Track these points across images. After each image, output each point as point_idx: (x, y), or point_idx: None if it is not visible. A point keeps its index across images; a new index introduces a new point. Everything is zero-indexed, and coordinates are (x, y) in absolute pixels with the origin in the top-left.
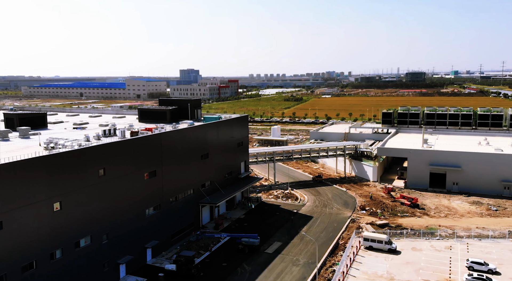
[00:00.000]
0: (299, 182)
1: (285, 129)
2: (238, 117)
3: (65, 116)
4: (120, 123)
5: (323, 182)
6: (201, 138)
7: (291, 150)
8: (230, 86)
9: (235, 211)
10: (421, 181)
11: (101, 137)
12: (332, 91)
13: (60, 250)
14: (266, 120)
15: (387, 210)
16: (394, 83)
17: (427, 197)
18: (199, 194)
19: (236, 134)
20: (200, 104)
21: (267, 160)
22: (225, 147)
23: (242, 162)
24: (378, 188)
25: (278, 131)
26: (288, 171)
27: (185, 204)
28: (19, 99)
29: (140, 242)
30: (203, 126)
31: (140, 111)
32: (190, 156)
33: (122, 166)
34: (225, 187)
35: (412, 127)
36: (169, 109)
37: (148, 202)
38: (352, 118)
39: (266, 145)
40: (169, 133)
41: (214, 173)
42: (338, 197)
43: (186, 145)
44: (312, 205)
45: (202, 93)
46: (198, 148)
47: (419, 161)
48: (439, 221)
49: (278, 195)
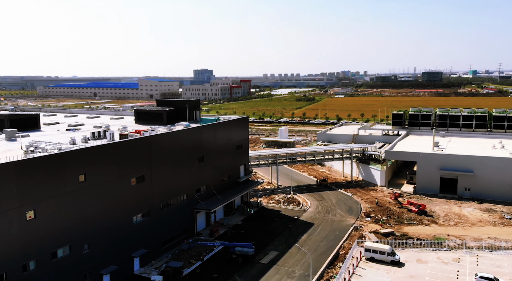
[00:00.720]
0: (303, 186)
1: (293, 130)
2: (237, 118)
3: (63, 117)
4: (116, 124)
5: (328, 186)
6: (196, 140)
7: (295, 153)
8: (242, 86)
9: (233, 217)
10: (431, 186)
11: (91, 140)
12: (346, 91)
13: (34, 261)
14: (276, 120)
15: (393, 217)
16: (410, 82)
17: (436, 203)
18: (194, 199)
19: (235, 136)
20: (199, 105)
21: (269, 163)
22: (222, 150)
23: (242, 165)
24: (386, 193)
25: (286, 132)
26: (293, 174)
27: (177, 210)
28: (34, 98)
29: (126, 251)
30: (198, 128)
31: (136, 112)
32: (184, 159)
33: (105, 171)
34: (222, 192)
35: (424, 129)
36: (165, 110)
37: (135, 208)
38: (364, 119)
39: (273, 147)
40: (159, 136)
41: (210, 177)
42: (343, 203)
43: (179, 148)
44: (314, 211)
45: (214, 93)
46: (192, 151)
47: (429, 165)
48: (448, 230)
49: (280, 199)
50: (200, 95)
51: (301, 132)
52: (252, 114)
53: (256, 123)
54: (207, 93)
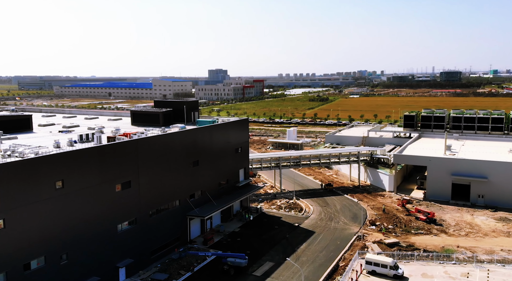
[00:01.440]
0: (307, 191)
1: (303, 131)
2: (236, 120)
3: (61, 118)
4: (111, 126)
5: (334, 191)
6: (189, 143)
7: (299, 156)
8: (255, 86)
9: (230, 223)
10: (442, 192)
11: (78, 143)
12: (361, 90)
13: (4, 274)
14: (286, 121)
15: (400, 225)
16: (427, 82)
17: (447, 211)
18: (187, 205)
19: (233, 139)
20: (197, 106)
21: (272, 166)
22: (220, 153)
23: (241, 169)
24: (394, 199)
25: (294, 134)
26: (298, 178)
27: (169, 217)
28: (50, 98)
29: (110, 261)
30: (192, 131)
31: (132, 114)
32: (176, 164)
33: (86, 177)
34: (219, 197)
35: (437, 131)
36: (161, 111)
37: (120, 216)
38: (377, 120)
39: (280, 148)
40: (148, 139)
41: (205, 182)
42: (347, 209)
43: (170, 152)
44: (316, 218)
45: (226, 93)
46: (186, 155)
47: (439, 171)
48: (458, 241)
49: (282, 205)
50: (213, 95)
51: (311, 133)
52: (262, 115)
53: (266, 123)
54: (220, 93)
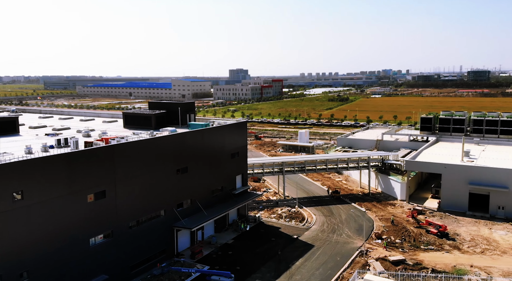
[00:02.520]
0: (312, 198)
1: (318, 132)
2: (233, 123)
3: (57, 119)
4: (103, 128)
5: (341, 198)
6: (177, 149)
7: (304, 161)
8: (274, 86)
9: (224, 234)
10: (458, 203)
11: (55, 148)
12: (384, 90)
13: None
14: (302, 122)
15: (409, 239)
16: (453, 82)
17: (463, 224)
18: (173, 216)
19: (229, 143)
20: (193, 108)
21: (275, 171)
22: (213, 159)
23: (239, 175)
24: (405, 209)
25: (306, 136)
26: (304, 184)
27: (152, 229)
28: (72, 98)
29: (80, 279)
30: (180, 135)
31: (125, 116)
32: (161, 171)
33: (50, 188)
34: (213, 206)
35: (456, 135)
36: (153, 113)
37: (93, 229)
38: (397, 121)
39: (290, 151)
40: (127, 144)
41: (195, 190)
42: (353, 220)
43: (154, 158)
44: (318, 229)
45: (244, 93)
46: (173, 161)
47: (456, 179)
48: (472, 259)
49: (283, 214)
50: (231, 95)
51: (325, 135)
52: (278, 115)
53: (280, 124)
54: (238, 93)
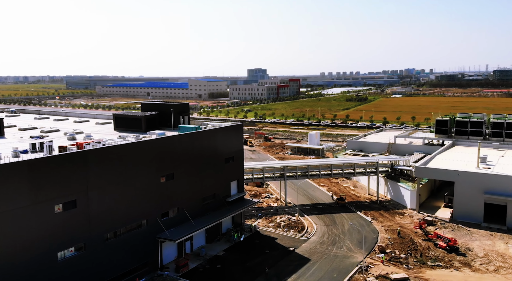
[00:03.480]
0: (315, 205)
1: (331, 134)
2: (227, 126)
3: (52, 121)
4: (92, 131)
5: (347, 206)
6: (162, 154)
7: (307, 166)
8: (291, 86)
9: (216, 245)
10: (472, 213)
11: (29, 152)
12: (405, 90)
13: None
14: (315, 123)
15: (415, 254)
16: (478, 82)
17: (476, 237)
18: (158, 226)
19: (223, 147)
20: (187, 110)
21: (276, 176)
22: (204, 164)
23: (234, 181)
24: (415, 219)
25: (317, 138)
26: (309, 189)
27: (132, 241)
28: (91, 97)
29: None
30: (166, 139)
31: (115, 118)
32: (142, 178)
33: (11, 198)
34: (203, 215)
35: (474, 139)
36: (143, 116)
37: (61, 242)
38: (415, 123)
39: (299, 154)
40: (102, 150)
41: (183, 198)
42: (356, 231)
43: (135, 164)
44: (317, 240)
45: (260, 93)
46: (156, 167)
47: (470, 187)
48: (483, 279)
49: (282, 222)
50: (247, 95)
51: (338, 137)
52: (291, 115)
53: (293, 125)
54: (254, 93)
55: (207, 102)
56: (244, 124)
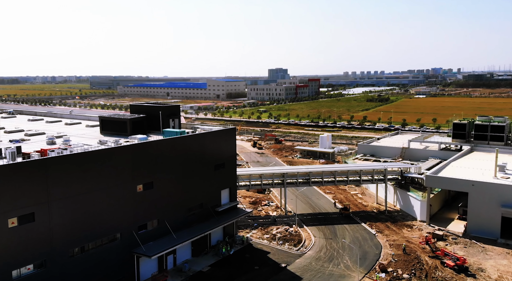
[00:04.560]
0: (317, 215)
1: (346, 136)
2: (218, 130)
3: (44, 123)
4: (78, 134)
5: (351, 216)
6: (139, 161)
7: (308, 172)
8: (310, 85)
9: (202, 259)
10: (487, 228)
11: None
12: (430, 90)
13: None
14: (331, 124)
15: (420, 274)
16: (508, 81)
17: (491, 255)
18: (134, 239)
19: (212, 153)
20: (177, 112)
21: (275, 183)
22: (190, 172)
23: (225, 189)
24: (424, 233)
25: (328, 140)
26: (313, 196)
27: (104, 256)
28: (112, 97)
29: None
30: (143, 145)
31: (101, 120)
32: (115, 187)
33: None
34: (189, 226)
35: (494, 144)
36: (129, 118)
37: (17, 259)
38: (435, 125)
39: (309, 157)
40: (65, 157)
41: (164, 209)
42: (358, 245)
43: (105, 173)
44: (313, 256)
45: (278, 93)
46: (131, 176)
47: (486, 199)
48: None
49: (278, 233)
50: (265, 95)
51: (354, 139)
52: (307, 116)
53: (307, 127)
54: (272, 93)
55: (224, 102)
56: (258, 125)
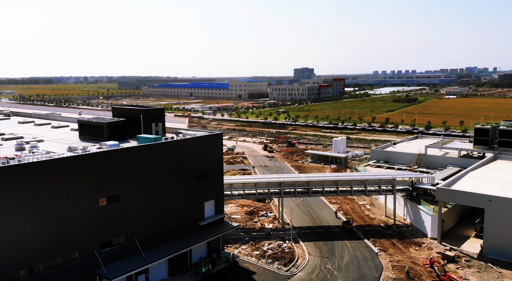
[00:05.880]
0: (317, 229)
1: (365, 139)
2: (201, 136)
3: (32, 126)
4: (56, 139)
5: (354, 231)
6: (100, 172)
7: (308, 181)
8: (334, 85)
9: (179, 279)
10: (506, 249)
11: None
12: (462, 90)
13: None
14: (351, 126)
15: None
16: None
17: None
18: (94, 260)
19: (193, 162)
20: (161, 115)
21: (272, 193)
22: (165, 183)
23: (209, 201)
24: (434, 253)
25: (342, 144)
26: (317, 206)
27: (59, 278)
28: (137, 98)
29: None
30: (107, 153)
31: (80, 124)
32: (71, 201)
33: None
34: (165, 242)
35: None
36: (106, 122)
37: None
38: (462, 128)
39: (320, 162)
40: (9, 168)
41: (133, 224)
42: (355, 266)
43: (60, 185)
44: (304, 278)
45: (300, 93)
46: (91, 188)
47: (504, 217)
48: None
49: (269, 250)
50: (287, 95)
51: (372, 143)
52: (326, 118)
53: (325, 129)
54: (294, 93)
55: (245, 103)
56: (274, 126)
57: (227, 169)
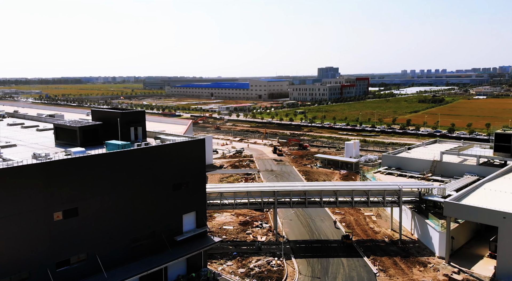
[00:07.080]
0: (313, 243)
1: (383, 142)
2: (178, 143)
3: (19, 128)
4: (30, 144)
5: (354, 246)
6: (55, 183)
7: (304, 191)
8: (358, 85)
9: None
10: None
11: None
12: (493, 90)
13: None
14: (369, 128)
15: None
16: None
17: None
18: (47, 280)
19: (170, 171)
20: (141, 119)
21: (264, 203)
22: (136, 194)
23: (189, 214)
24: (440, 275)
25: (355, 148)
26: (317, 217)
27: None
28: (159, 98)
29: None
30: (61, 162)
31: (55, 128)
32: (21, 215)
33: None
34: (135, 259)
35: None
36: (80, 126)
37: None
38: (488, 131)
39: (329, 167)
40: None
41: (96, 240)
42: None
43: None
44: None
45: (321, 93)
46: (44, 201)
47: None
48: None
49: (256, 267)
50: (307, 95)
51: (390, 147)
52: (344, 119)
53: (341, 131)
54: (314, 93)
55: (264, 103)
56: (289, 127)
57: (230, 173)
